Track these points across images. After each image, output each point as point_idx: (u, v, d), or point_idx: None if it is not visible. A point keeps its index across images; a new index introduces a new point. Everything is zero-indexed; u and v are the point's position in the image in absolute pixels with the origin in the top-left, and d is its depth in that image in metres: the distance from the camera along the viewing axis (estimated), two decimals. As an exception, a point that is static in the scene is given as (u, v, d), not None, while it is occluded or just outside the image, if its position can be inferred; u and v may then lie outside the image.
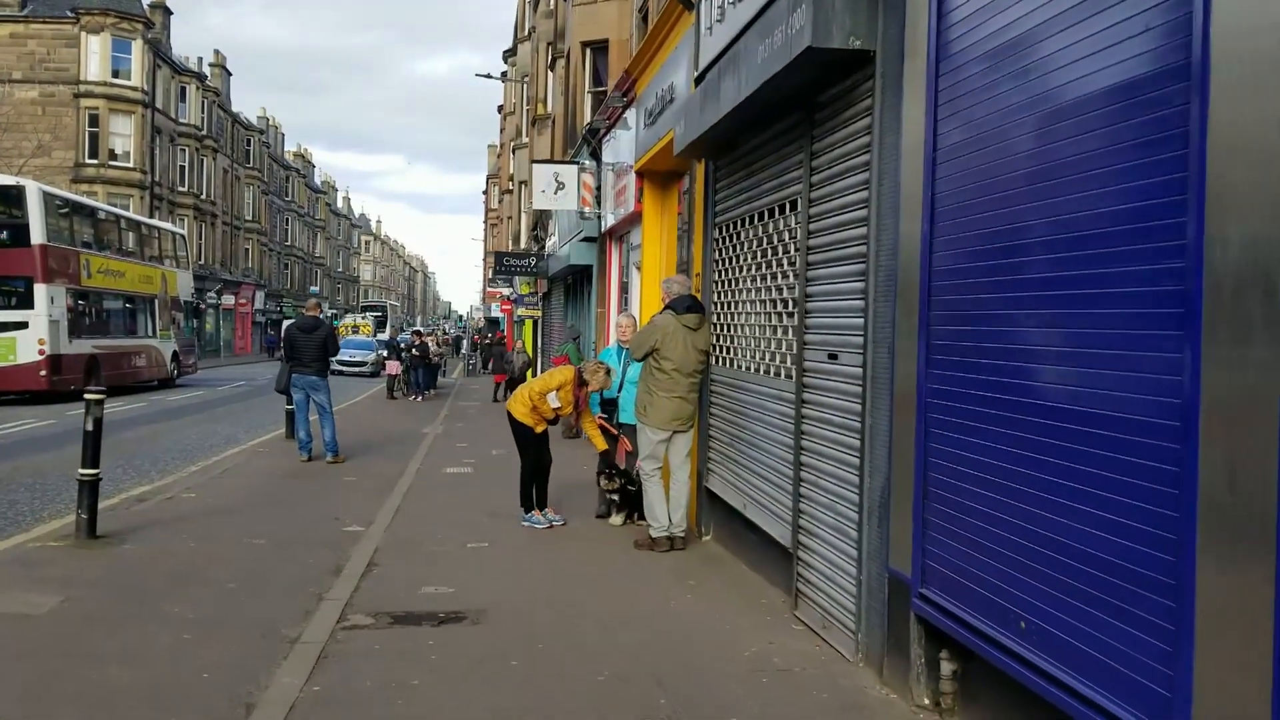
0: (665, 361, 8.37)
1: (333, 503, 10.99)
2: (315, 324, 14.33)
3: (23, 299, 23.52)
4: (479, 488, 12.47)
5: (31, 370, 23.14)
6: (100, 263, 27.40)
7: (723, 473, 8.46)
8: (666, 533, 8.59)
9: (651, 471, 8.64)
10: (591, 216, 15.95)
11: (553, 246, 25.14)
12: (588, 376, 9.73)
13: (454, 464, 14.77)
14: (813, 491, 6.18)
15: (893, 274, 5.05)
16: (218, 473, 13.13)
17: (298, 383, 14.14)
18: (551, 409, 9.62)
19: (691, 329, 8.42)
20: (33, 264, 23.44)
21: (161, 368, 31.50)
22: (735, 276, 8.34)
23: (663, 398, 8.44)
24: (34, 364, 23.19)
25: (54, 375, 23.48)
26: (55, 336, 23.79)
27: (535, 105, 36.20)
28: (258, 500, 10.93)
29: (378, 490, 12.00)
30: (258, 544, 8.60)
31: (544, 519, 9.77)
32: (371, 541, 8.85)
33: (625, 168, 14.38)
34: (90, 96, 50.37)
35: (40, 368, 23.24)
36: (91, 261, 26.69)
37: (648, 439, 8.57)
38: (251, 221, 72.27)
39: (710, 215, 8.98)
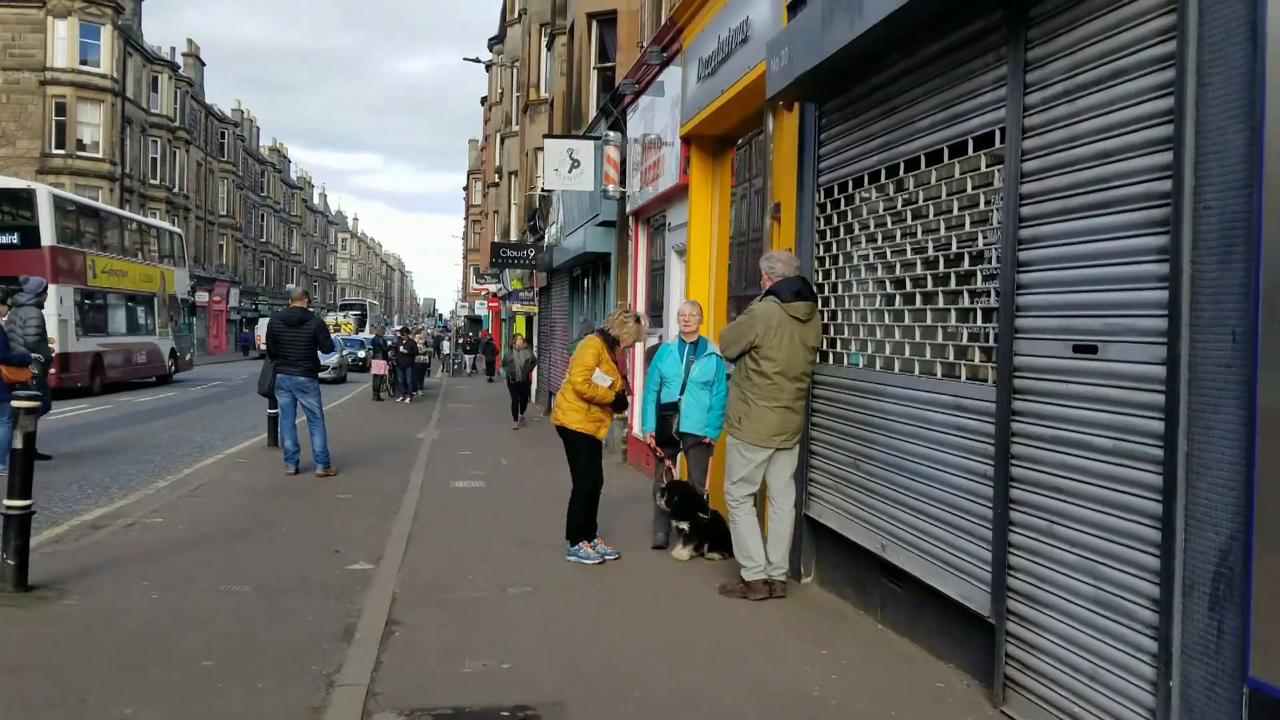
0: (767, 362, 6.55)
1: (330, 529, 9.09)
2: (303, 316, 12.41)
3: None
4: (497, 507, 10.60)
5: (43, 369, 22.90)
6: (105, 263, 28.00)
7: (838, 500, 6.63)
8: (764, 575, 6.76)
9: (743, 498, 6.81)
10: (616, 195, 14.09)
11: (555, 236, 23.24)
12: (615, 331, 8.01)
13: (461, 476, 12.89)
14: (1041, 542, 4.36)
15: (1236, 219, 3.25)
16: (190, 489, 11.19)
17: (283, 384, 12.24)
18: (606, 392, 7.81)
19: (801, 321, 6.60)
20: (43, 265, 23.64)
21: (160, 364, 31.90)
22: (855, 250, 6.51)
23: (764, 407, 6.61)
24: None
25: (63, 373, 23.33)
26: (64, 335, 23.89)
27: (527, 91, 34.41)
28: (239, 526, 9.02)
29: (381, 511, 10.12)
30: (241, 592, 6.69)
31: (595, 553, 7.91)
32: (385, 586, 6.98)
33: (658, 139, 12.54)
34: (57, 84, 48.13)
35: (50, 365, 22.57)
36: (97, 262, 27.36)
37: (742, 459, 6.74)
38: (226, 217, 70.05)
39: (812, 176, 7.15)
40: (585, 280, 19.98)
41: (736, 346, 6.70)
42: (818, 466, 7.00)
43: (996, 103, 4.80)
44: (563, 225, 21.44)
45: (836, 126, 6.78)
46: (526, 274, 32.48)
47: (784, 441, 6.74)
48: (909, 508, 5.58)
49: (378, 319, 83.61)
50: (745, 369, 6.70)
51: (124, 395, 26.01)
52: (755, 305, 6.74)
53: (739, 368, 6.79)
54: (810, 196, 7.19)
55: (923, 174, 5.57)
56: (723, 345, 6.85)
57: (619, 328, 8.00)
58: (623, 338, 8.01)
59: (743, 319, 6.75)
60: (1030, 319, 4.49)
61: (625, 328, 8.00)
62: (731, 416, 6.80)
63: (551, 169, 15.79)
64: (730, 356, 6.83)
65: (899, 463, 5.72)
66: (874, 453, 6.06)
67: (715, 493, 8.41)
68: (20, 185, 26.35)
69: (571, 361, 7.94)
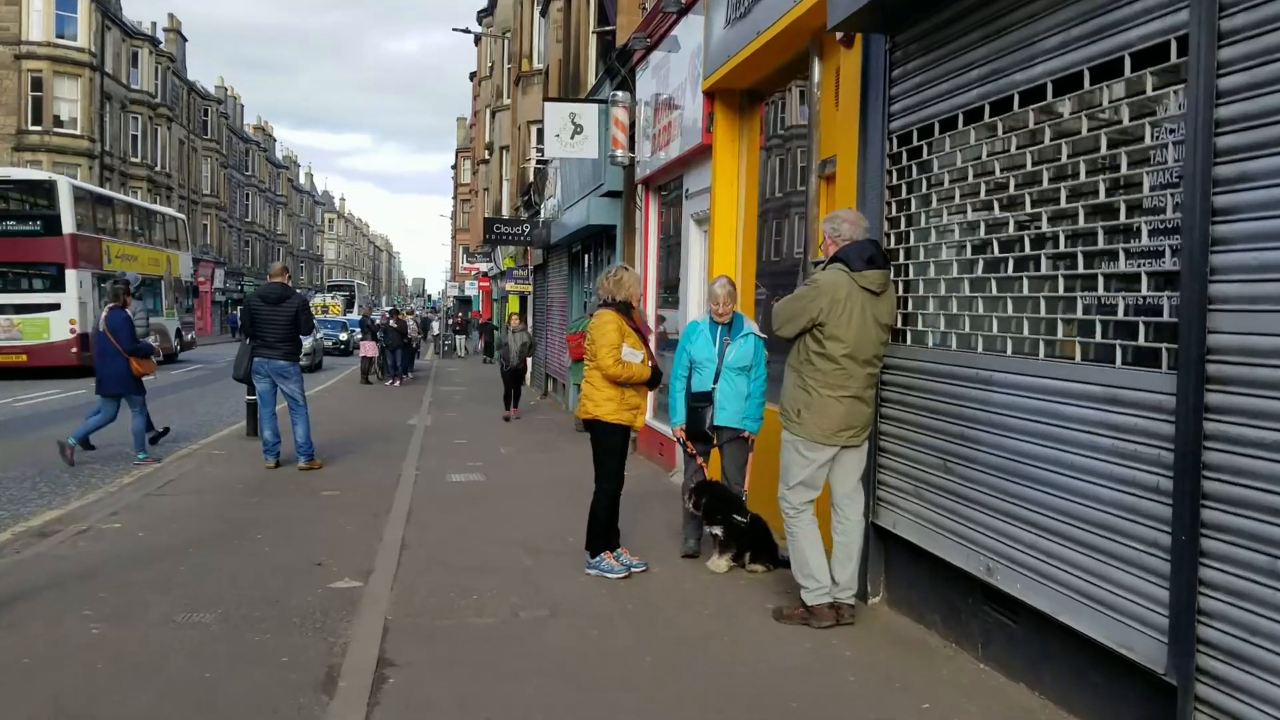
0: (834, 343, 5.45)
1: (313, 534, 7.97)
2: (283, 293, 11.24)
3: (54, 283, 25.73)
4: (499, 504, 9.49)
5: (63, 347, 25.16)
6: (118, 248, 29.64)
7: (919, 509, 5.52)
8: (829, 598, 5.67)
9: (803, 506, 5.71)
10: (624, 161, 12.92)
11: (552, 211, 22.05)
12: (619, 295, 6.86)
13: (458, 468, 11.78)
14: (1256, 583, 3.25)
15: None
16: (157, 486, 10.04)
17: (261, 369, 11.08)
18: (640, 368, 6.72)
19: (873, 293, 5.49)
20: (63, 251, 25.74)
21: (167, 343, 32.25)
22: (943, 206, 5.39)
23: (828, 397, 5.51)
24: (66, 342, 25.20)
25: (84, 351, 24.16)
26: (84, 317, 25.36)
27: (519, 61, 33.20)
28: (208, 533, 7.88)
29: (370, 510, 9.01)
30: (202, 624, 5.56)
31: (619, 565, 6.81)
32: (376, 611, 5.86)
33: (672, 99, 11.38)
34: (33, 58, 46.61)
35: (71, 345, 25.15)
36: (111, 247, 28.98)
37: (801, 459, 5.64)
38: (210, 196, 68.58)
39: (879, 122, 6.02)
40: (586, 256, 18.82)
41: (795, 324, 5.58)
42: (889, 467, 5.89)
43: (1171, 4, 3.67)
44: (561, 199, 20.26)
45: (915, 60, 5.63)
46: (520, 252, 31.28)
47: (851, 438, 5.63)
48: (1030, 524, 4.47)
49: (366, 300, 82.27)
50: (805, 351, 5.59)
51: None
52: (818, 274, 5.62)
53: (797, 350, 5.68)
54: (878, 148, 6.05)
55: (1049, 106, 4.44)
56: (778, 322, 5.73)
57: (617, 288, 6.86)
58: (629, 295, 6.88)
59: (803, 290, 5.62)
60: (1231, 284, 3.38)
61: (623, 284, 6.86)
62: (788, 409, 5.69)
63: (552, 135, 14.60)
64: (787, 335, 5.71)
65: (1014, 467, 4.61)
66: (974, 454, 4.95)
67: (755, 494, 7.32)
68: (42, 176, 28.23)
69: (591, 344, 6.80)
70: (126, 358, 11.59)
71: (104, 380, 11.80)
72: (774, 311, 5.83)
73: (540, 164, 24.61)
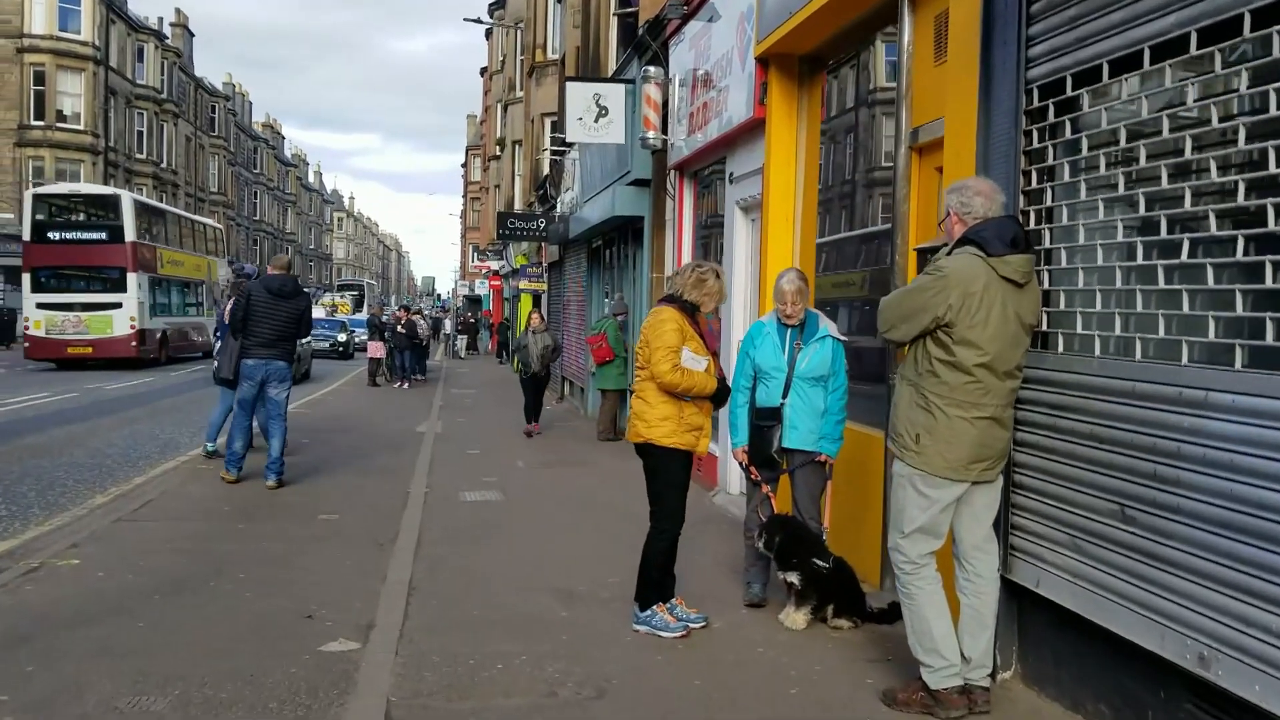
0: (966, 349, 4.21)
1: (304, 574, 6.74)
2: (294, 287, 10.11)
3: (116, 285, 28.99)
4: (521, 532, 8.27)
5: (124, 341, 28.53)
6: (169, 254, 33.12)
7: (1077, 564, 4.26)
8: (959, 679, 4.41)
9: (923, 558, 4.46)
10: (656, 144, 11.66)
11: (570, 204, 20.82)
12: (689, 294, 5.61)
13: (472, 484, 10.56)
14: None
15: None
16: (131, 510, 8.82)
17: (253, 371, 9.86)
18: (704, 378, 5.47)
19: (1017, 285, 4.25)
20: (125, 257, 29.25)
21: (208, 340, 34.22)
22: (1117, 173, 4.13)
23: (958, 419, 4.27)
24: (126, 336, 28.62)
25: (141, 345, 29.04)
26: (142, 315, 29.19)
27: (533, 52, 32.03)
28: (179, 574, 6.65)
29: (373, 538, 7.80)
30: (151, 712, 4.32)
31: (675, 621, 5.55)
32: (376, 690, 4.62)
33: (711, 73, 10.14)
34: (35, 51, 45.69)
35: (131, 339, 28.81)
36: (163, 254, 32.45)
37: (920, 499, 4.40)
38: (217, 194, 67.63)
39: (1011, 72, 4.76)
40: (608, 251, 17.59)
41: (913, 324, 4.33)
42: (1029, 508, 4.62)
43: None
44: (580, 191, 19.01)
45: (1071, -12, 4.37)
46: (533, 248, 30.07)
47: (985, 470, 4.38)
48: (1276, 604, 3.22)
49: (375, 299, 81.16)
50: (927, 359, 4.35)
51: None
52: (944, 261, 4.36)
53: (913, 359, 4.44)
54: (1008, 103, 4.80)
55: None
56: (888, 322, 4.48)
57: (695, 288, 5.60)
58: (703, 302, 5.63)
59: (924, 281, 4.37)
60: None
61: (705, 287, 5.60)
62: (904, 434, 4.44)
63: (574, 118, 13.36)
64: (900, 340, 4.47)
65: (1246, 523, 3.36)
66: (1176, 500, 3.69)
67: (836, 531, 6.08)
68: (108, 191, 33.02)
69: (643, 347, 5.55)
70: None
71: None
72: (881, 308, 4.58)
73: (556, 155, 23.38)
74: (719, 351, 5.81)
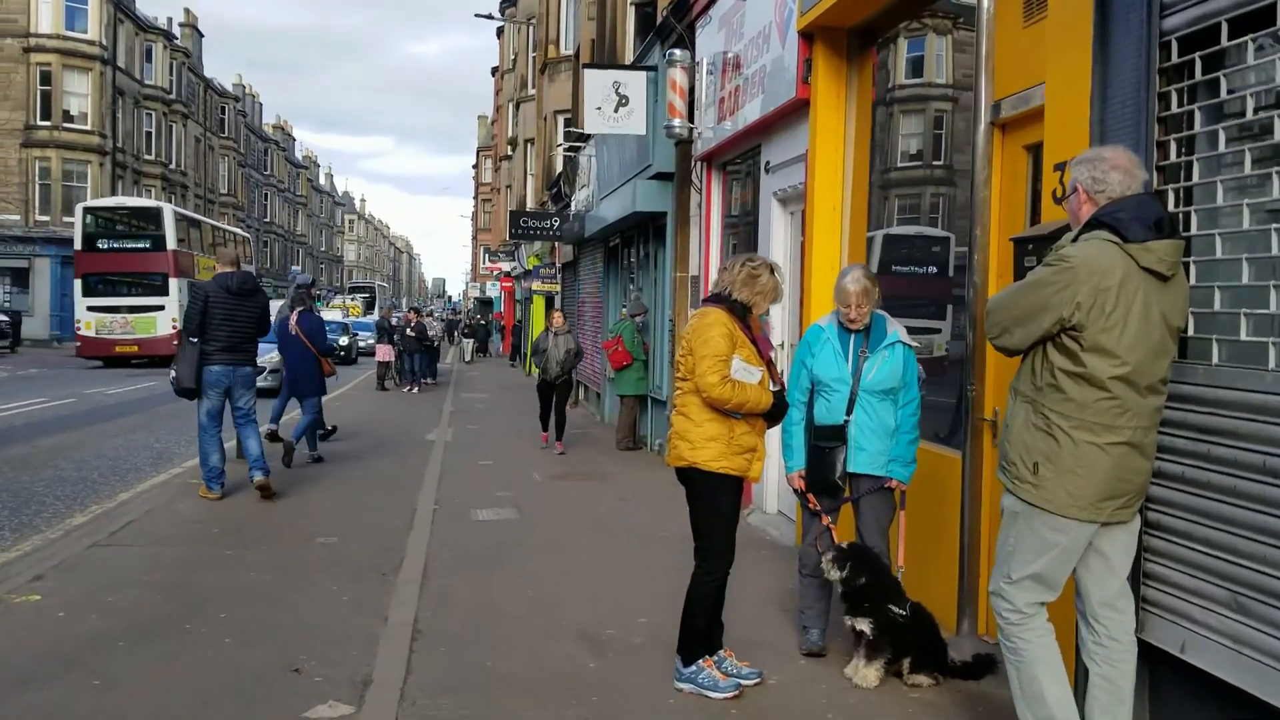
0: (1100, 357, 3.39)
1: (294, 612, 5.91)
2: (253, 284, 9.38)
3: (159, 289, 31.66)
4: (540, 560, 7.43)
5: (166, 340, 28.99)
6: (204, 261, 34.60)
7: (1252, 634, 3.40)
8: (1087, 765, 3.57)
9: (1032, 609, 3.63)
10: (683, 133, 10.81)
11: (585, 202, 19.99)
12: (739, 293, 4.74)
13: (484, 500, 9.76)
14: None
15: None
16: (110, 531, 8.01)
17: (219, 379, 9.05)
18: (758, 391, 4.63)
19: (1161, 279, 3.42)
20: (167, 264, 32.04)
21: None
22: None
23: (1088, 445, 3.43)
24: (169, 335, 29.16)
25: None
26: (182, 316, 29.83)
27: (545, 49, 31.27)
28: (151, 613, 5.83)
29: (374, 566, 6.99)
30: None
31: (725, 678, 4.70)
32: (370, 774, 3.80)
33: (742, 56, 9.31)
34: (42, 51, 45.02)
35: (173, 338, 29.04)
36: (199, 260, 34.62)
37: (1037, 541, 3.57)
38: (227, 195, 66.95)
39: (1144, 20, 3.92)
40: (626, 250, 16.76)
41: (1031, 328, 3.50)
42: (1169, 553, 3.77)
43: None
44: (597, 188, 18.18)
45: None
46: (546, 249, 29.25)
47: (1119, 509, 3.54)
48: None
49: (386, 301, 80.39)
50: (1048, 370, 3.51)
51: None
52: (1069, 248, 3.52)
53: (1030, 370, 3.61)
54: (1134, 61, 3.95)
55: None
56: (999, 326, 3.64)
57: (746, 286, 4.74)
58: (755, 302, 4.78)
59: (1042, 274, 3.53)
60: None
61: (757, 284, 4.74)
62: (1018, 461, 3.60)
63: (593, 108, 12.52)
64: (1014, 347, 3.64)
65: None
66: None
67: (911, 570, 5.23)
68: (150, 204, 36.23)
69: (686, 355, 4.70)
70: (319, 358, 11.89)
71: (297, 381, 11.89)
72: (991, 308, 3.73)
73: (570, 152, 22.57)
74: (774, 360, 4.94)
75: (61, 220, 44.08)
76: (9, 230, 41.53)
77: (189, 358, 8.92)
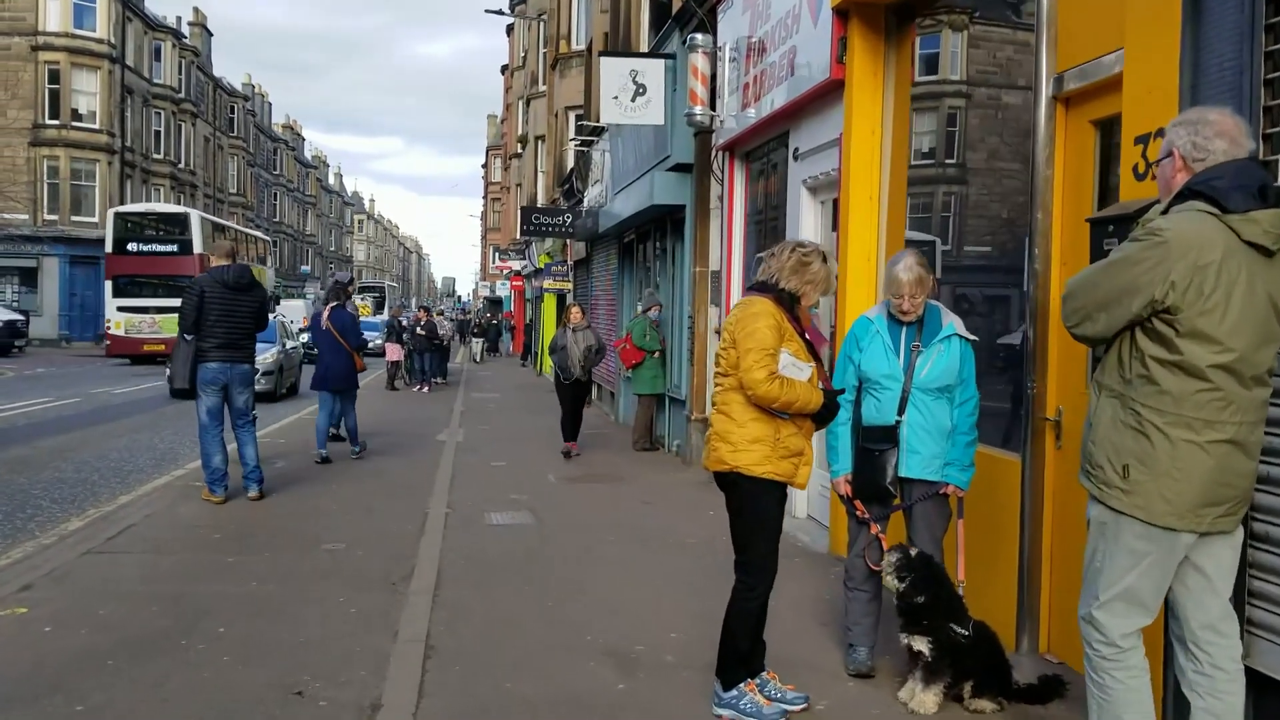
0: (1197, 343, 3.00)
1: (298, 626, 5.50)
2: (250, 278, 8.96)
3: None
4: (560, 568, 7.01)
5: None
6: None
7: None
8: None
9: (1127, 640, 3.21)
10: (704, 121, 10.39)
11: (599, 197, 19.59)
12: (788, 282, 4.28)
13: (498, 503, 9.34)
14: None
15: None
16: (107, 537, 7.62)
17: (215, 378, 8.67)
18: (808, 390, 4.18)
19: (1266, 254, 3.00)
20: (194, 266, 30.95)
21: None
22: None
23: (1185, 443, 3.03)
24: None
25: None
26: None
27: (556, 44, 30.90)
28: (146, 627, 5.43)
29: (383, 575, 6.59)
30: None
31: (770, 705, 4.27)
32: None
33: (768, 38, 8.89)
34: (50, 49, 44.71)
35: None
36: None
37: (1128, 554, 3.16)
38: (236, 195, 66.69)
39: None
40: (641, 246, 16.34)
41: (1118, 312, 3.09)
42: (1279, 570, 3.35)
43: None
44: (611, 182, 17.77)
45: None
46: (558, 246, 28.86)
47: (1221, 517, 3.11)
48: None
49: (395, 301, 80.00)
50: (1139, 360, 3.10)
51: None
52: (1159, 221, 3.10)
53: (1116, 360, 3.18)
54: (1236, 18, 3.52)
55: None
56: (1079, 311, 3.22)
57: (795, 274, 4.29)
58: (805, 292, 4.33)
59: (1130, 251, 3.10)
60: None
61: (808, 272, 4.29)
62: (1104, 463, 3.17)
63: (609, 97, 12.10)
64: (1098, 335, 3.21)
65: None
66: None
67: (971, 585, 4.79)
68: (179, 210, 37.57)
69: (728, 347, 4.27)
70: (351, 354, 11.86)
71: (329, 377, 11.82)
72: (1070, 291, 3.30)
73: (582, 147, 22.16)
74: (824, 358, 4.50)
75: (70, 220, 43.86)
76: (17, 229, 41.26)
77: (184, 356, 8.53)
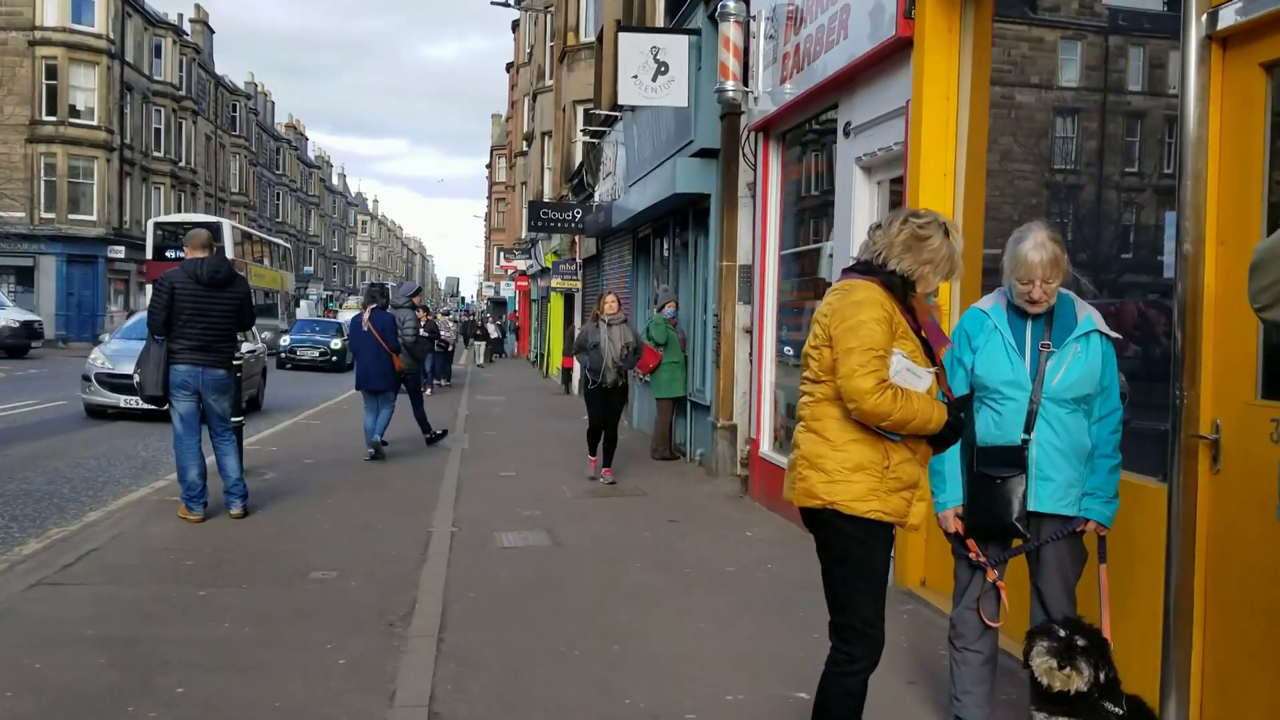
0: None
1: (270, 687, 4.51)
2: (227, 272, 7.95)
3: None
4: (585, 603, 6.02)
5: None
6: (256, 270, 39.19)
7: None
8: None
9: None
10: (737, 96, 9.40)
11: (611, 191, 18.60)
12: (900, 263, 3.28)
13: (510, 521, 8.40)
14: None
15: None
16: (62, 565, 6.62)
17: (188, 381, 7.70)
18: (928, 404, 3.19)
19: None
20: None
21: None
22: None
23: None
24: None
25: None
26: None
27: (564, 36, 29.96)
28: (87, 685, 4.44)
29: (379, 613, 5.62)
30: None
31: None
32: None
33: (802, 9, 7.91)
34: (47, 44, 43.87)
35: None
36: (252, 269, 38.14)
37: None
38: (238, 194, 65.83)
39: None
40: (658, 241, 15.37)
41: None
42: None
43: None
44: (625, 173, 16.78)
45: None
46: (566, 244, 27.89)
47: None
48: None
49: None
50: None
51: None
52: None
53: None
54: None
55: None
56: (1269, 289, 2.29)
57: (909, 253, 3.28)
58: (923, 276, 3.31)
59: None
60: None
61: (926, 249, 3.27)
62: None
63: (628, 77, 11.13)
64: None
65: None
66: None
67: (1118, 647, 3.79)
68: (212, 220, 39.75)
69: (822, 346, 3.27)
70: (391, 355, 11.99)
71: (369, 377, 12.03)
72: (1257, 262, 2.34)
73: (593, 139, 21.18)
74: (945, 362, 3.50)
75: (67, 218, 42.99)
76: (13, 228, 40.38)
77: (154, 359, 7.55)
